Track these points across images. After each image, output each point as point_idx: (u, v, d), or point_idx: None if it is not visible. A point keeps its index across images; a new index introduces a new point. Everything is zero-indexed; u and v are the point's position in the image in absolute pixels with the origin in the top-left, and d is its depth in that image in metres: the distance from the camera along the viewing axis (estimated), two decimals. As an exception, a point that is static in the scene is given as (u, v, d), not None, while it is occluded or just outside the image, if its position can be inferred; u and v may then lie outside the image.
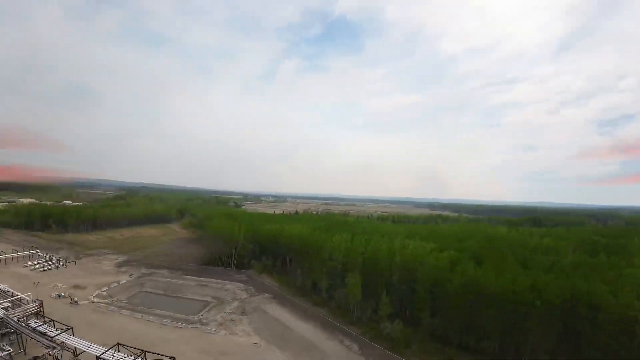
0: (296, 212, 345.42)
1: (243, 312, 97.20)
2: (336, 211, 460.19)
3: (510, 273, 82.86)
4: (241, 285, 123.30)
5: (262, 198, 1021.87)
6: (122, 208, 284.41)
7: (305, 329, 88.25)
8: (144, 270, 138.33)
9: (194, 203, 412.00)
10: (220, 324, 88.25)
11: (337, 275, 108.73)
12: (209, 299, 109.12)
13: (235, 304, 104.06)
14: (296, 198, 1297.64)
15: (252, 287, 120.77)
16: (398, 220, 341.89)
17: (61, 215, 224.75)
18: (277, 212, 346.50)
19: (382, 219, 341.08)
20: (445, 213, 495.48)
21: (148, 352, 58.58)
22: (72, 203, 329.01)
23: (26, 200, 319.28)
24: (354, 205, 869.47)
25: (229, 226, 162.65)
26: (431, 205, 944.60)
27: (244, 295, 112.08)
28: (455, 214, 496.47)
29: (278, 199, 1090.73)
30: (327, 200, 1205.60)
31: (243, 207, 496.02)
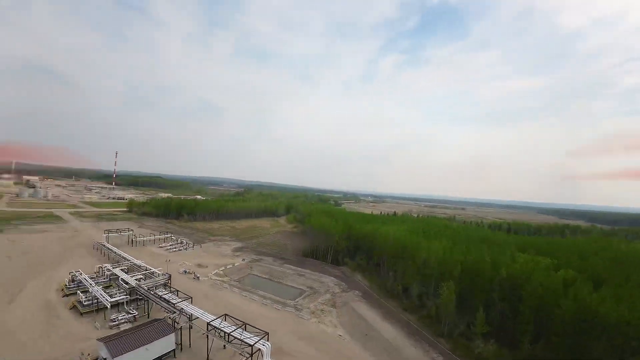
0: (394, 214, 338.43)
1: (333, 305, 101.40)
2: (441, 215, 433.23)
3: (631, 299, 67.46)
4: (334, 279, 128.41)
5: (361, 197, 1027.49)
6: (240, 202, 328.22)
7: (390, 332, 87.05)
8: (253, 256, 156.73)
9: (299, 200, 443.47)
10: (312, 312, 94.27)
11: (431, 283, 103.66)
12: (304, 288, 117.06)
13: (327, 296, 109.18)
14: (397, 199, 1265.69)
15: (344, 283, 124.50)
16: (515, 228, 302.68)
17: (192, 207, 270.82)
18: (375, 212, 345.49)
19: (495, 226, 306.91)
20: (575, 222, 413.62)
21: (248, 324, 67.28)
22: (201, 197, 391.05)
23: (164, 195, 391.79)
24: (462, 209, 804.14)
25: (326, 223, 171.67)
26: (560, 213, 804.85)
27: (336, 290, 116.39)
28: (588, 224, 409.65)
29: (377, 199, 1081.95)
30: (432, 202, 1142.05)
31: (342, 205, 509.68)
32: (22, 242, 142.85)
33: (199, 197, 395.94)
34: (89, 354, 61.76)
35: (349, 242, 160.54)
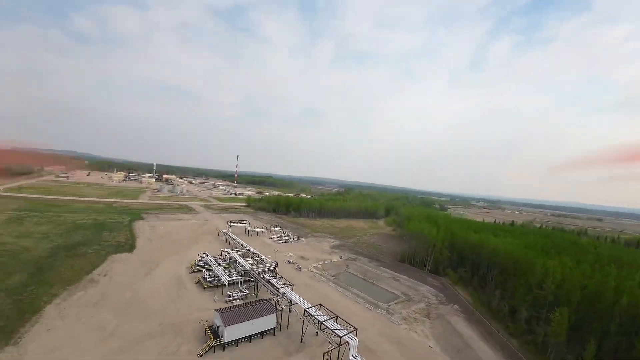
0: (512, 223, 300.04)
1: (427, 315, 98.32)
2: (569, 227, 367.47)
3: None
4: (432, 290, 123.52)
5: (472, 202, 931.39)
6: (340, 202, 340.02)
7: (486, 353, 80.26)
8: (350, 255, 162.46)
9: (399, 202, 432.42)
10: (404, 318, 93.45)
11: (544, 307, 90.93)
12: (399, 293, 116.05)
13: (422, 305, 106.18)
14: (516, 204, 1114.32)
15: (442, 295, 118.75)
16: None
17: (298, 204, 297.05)
18: (488, 220, 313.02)
19: (633, 243, 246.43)
20: None
21: (339, 317, 71.98)
22: (306, 196, 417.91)
23: (275, 193, 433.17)
24: (598, 219, 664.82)
25: (427, 229, 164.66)
26: None
27: (433, 300, 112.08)
28: None
29: (491, 204, 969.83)
30: (561, 210, 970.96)
31: (448, 210, 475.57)
32: (161, 228, 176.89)
33: (303, 195, 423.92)
34: (206, 321, 75.78)
35: (452, 251, 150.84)
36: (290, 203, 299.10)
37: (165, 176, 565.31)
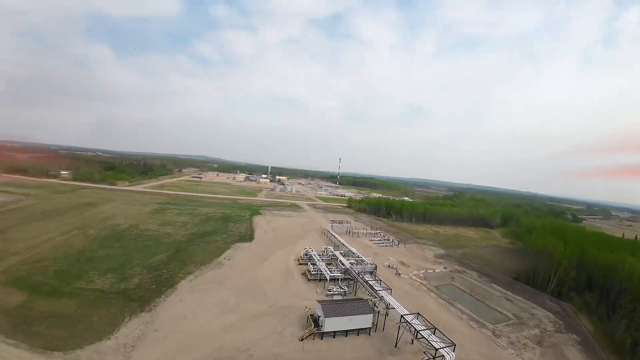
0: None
1: (539, 343, 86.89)
2: None
3: None
4: (550, 315, 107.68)
5: (614, 213, 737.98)
6: (448, 207, 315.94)
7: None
8: (456, 267, 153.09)
9: (520, 210, 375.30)
10: (511, 343, 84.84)
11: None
12: (509, 314, 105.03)
13: (535, 331, 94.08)
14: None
15: (561, 322, 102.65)
16: None
17: (399, 207, 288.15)
18: (629, 235, 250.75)
19: None
20: None
21: (437, 329, 70.54)
22: (408, 199, 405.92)
23: (376, 195, 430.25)
24: None
25: (551, 244, 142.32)
26: None
27: (549, 327, 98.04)
28: None
29: (637, 215, 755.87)
30: None
31: (583, 222, 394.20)
32: (274, 222, 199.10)
33: (406, 198, 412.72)
34: (309, 309, 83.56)
35: (580, 272, 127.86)
36: (391, 206, 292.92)
37: (277, 177, 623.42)
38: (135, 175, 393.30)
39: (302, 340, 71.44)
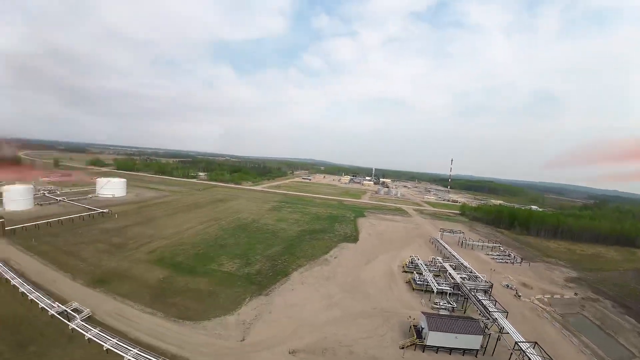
0: None
1: None
2: None
3: None
4: None
5: None
6: (586, 220, 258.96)
7: None
8: (589, 294, 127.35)
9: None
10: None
11: None
12: (636, 352, 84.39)
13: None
14: None
15: None
16: None
17: (526, 218, 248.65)
18: None
19: None
20: None
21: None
22: (537, 208, 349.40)
23: (496, 202, 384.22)
24: None
25: None
26: None
27: None
28: None
29: None
30: None
31: None
32: (378, 226, 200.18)
33: (534, 207, 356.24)
34: (413, 319, 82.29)
35: None
36: (515, 216, 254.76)
37: (382, 179, 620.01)
38: (257, 176, 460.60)
39: (402, 348, 71.05)
